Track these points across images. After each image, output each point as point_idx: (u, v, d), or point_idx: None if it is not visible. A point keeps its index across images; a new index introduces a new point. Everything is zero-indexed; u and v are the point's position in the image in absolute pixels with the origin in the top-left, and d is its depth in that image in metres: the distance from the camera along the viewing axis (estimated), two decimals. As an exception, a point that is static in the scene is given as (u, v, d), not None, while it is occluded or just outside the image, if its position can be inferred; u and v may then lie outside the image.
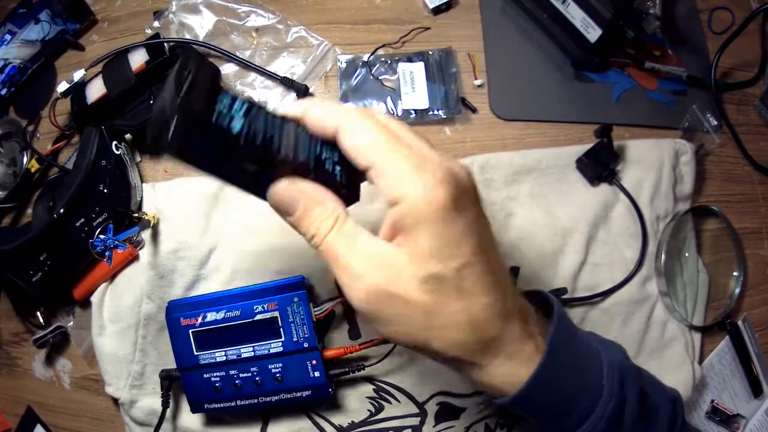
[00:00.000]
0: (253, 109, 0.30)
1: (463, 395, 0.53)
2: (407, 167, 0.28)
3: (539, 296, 0.37)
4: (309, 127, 0.32)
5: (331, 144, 0.32)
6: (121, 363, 0.53)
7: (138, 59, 0.58)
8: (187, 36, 0.62)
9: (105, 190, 0.52)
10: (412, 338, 0.30)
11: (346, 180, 0.32)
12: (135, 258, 0.53)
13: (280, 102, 0.61)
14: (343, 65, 0.62)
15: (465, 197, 0.29)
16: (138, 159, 0.59)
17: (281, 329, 0.47)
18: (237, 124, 0.29)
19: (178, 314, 0.49)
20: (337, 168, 0.32)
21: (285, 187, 0.31)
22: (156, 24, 0.63)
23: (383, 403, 0.53)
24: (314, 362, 0.47)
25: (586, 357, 0.35)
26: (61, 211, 0.48)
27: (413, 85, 0.60)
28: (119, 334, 0.53)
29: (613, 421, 0.33)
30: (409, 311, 0.29)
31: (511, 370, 0.32)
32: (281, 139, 0.30)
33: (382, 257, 0.29)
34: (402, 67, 0.61)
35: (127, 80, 0.57)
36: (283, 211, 0.31)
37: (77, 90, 0.57)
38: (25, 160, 0.59)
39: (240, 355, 0.48)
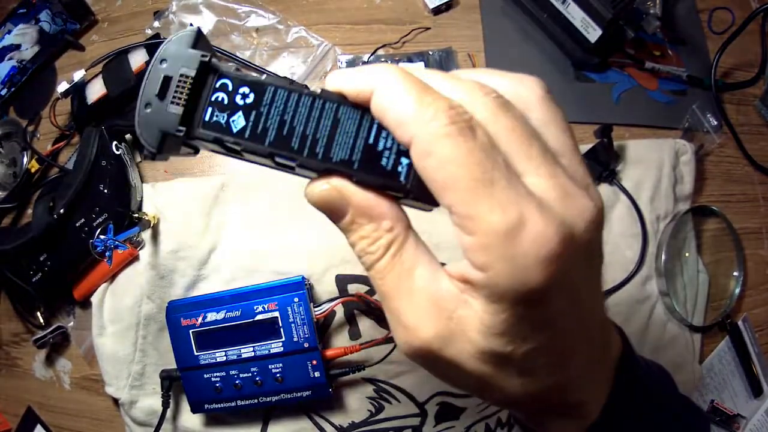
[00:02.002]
0: (265, 90, 0.22)
1: (464, 395, 0.53)
2: (491, 220, 0.19)
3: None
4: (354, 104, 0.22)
5: None
6: (121, 363, 0.53)
7: (138, 59, 0.58)
8: (187, 36, 0.62)
9: (105, 191, 0.52)
10: (462, 389, 0.26)
11: (415, 180, 0.21)
12: (135, 258, 0.53)
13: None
14: (344, 65, 0.62)
15: (573, 269, 0.20)
16: (138, 159, 0.59)
17: (281, 329, 0.47)
18: (238, 120, 0.22)
19: (178, 314, 0.49)
20: (403, 162, 0.22)
21: (322, 193, 0.22)
22: (156, 24, 0.63)
23: (383, 403, 0.53)
24: (314, 362, 0.47)
25: (640, 393, 0.30)
26: (62, 211, 0.48)
27: (413, 85, 0.60)
28: (119, 334, 0.53)
29: None
30: (460, 374, 0.23)
31: (569, 424, 0.27)
32: (305, 131, 0.22)
33: (443, 310, 0.22)
34: (402, 67, 0.61)
35: (127, 80, 0.57)
36: (327, 215, 0.23)
37: (77, 90, 0.57)
38: (25, 160, 0.59)
39: (240, 356, 0.48)
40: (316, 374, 0.47)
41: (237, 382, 0.48)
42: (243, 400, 0.49)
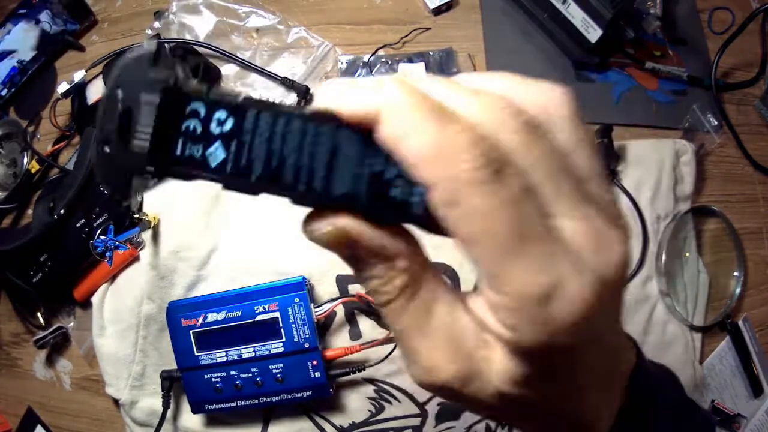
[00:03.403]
0: (246, 114, 0.18)
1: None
2: (521, 280, 0.16)
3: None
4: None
5: None
6: (121, 363, 0.53)
7: (138, 60, 0.58)
8: (188, 36, 0.62)
9: (105, 191, 0.52)
10: (480, 415, 0.25)
11: (431, 214, 0.17)
12: (135, 259, 0.53)
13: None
14: (344, 66, 0.62)
15: (600, 319, 0.18)
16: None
17: (282, 330, 0.47)
18: (217, 152, 0.18)
19: (178, 315, 0.49)
20: (415, 192, 0.17)
21: (328, 233, 0.19)
22: (156, 24, 0.63)
23: (384, 403, 0.53)
24: (315, 363, 0.47)
25: (648, 404, 0.29)
26: (62, 211, 0.48)
27: (413, 86, 0.60)
28: (120, 334, 0.53)
29: None
30: (477, 407, 0.22)
31: None
32: (299, 161, 0.18)
33: (463, 348, 0.20)
34: (402, 67, 0.61)
35: (128, 81, 0.57)
36: (333, 251, 0.20)
37: (78, 91, 0.57)
38: (25, 160, 0.59)
39: (241, 356, 0.48)
40: (317, 374, 0.47)
41: (237, 382, 0.48)
42: (243, 401, 0.49)
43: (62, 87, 0.56)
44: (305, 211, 0.19)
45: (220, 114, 0.18)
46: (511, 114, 0.17)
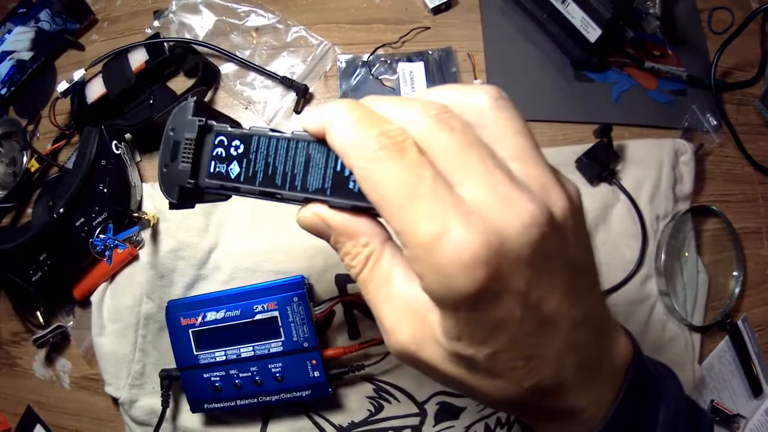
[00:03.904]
0: (251, 140, 0.26)
1: (463, 395, 0.53)
2: (420, 231, 0.20)
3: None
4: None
5: None
6: (120, 362, 0.53)
7: (138, 59, 0.58)
8: (187, 36, 0.62)
9: (105, 190, 0.52)
10: (452, 390, 0.27)
11: None
12: (135, 258, 0.53)
13: (279, 101, 0.60)
14: (343, 65, 0.62)
15: (508, 275, 0.20)
16: (138, 159, 0.59)
17: (281, 329, 0.47)
18: (234, 168, 0.27)
19: (178, 314, 0.49)
20: None
21: (306, 218, 0.25)
22: (156, 24, 0.63)
23: (383, 402, 0.53)
24: (314, 362, 0.47)
25: (648, 402, 0.30)
26: (61, 210, 0.48)
27: (413, 85, 0.60)
28: (119, 333, 0.53)
29: None
30: (440, 377, 0.25)
31: (567, 429, 0.27)
32: (285, 170, 0.26)
33: (415, 314, 0.24)
34: (402, 66, 0.61)
35: (127, 80, 0.57)
36: (318, 237, 0.26)
37: (77, 90, 0.57)
38: (25, 159, 0.59)
39: (240, 355, 0.48)
40: (316, 374, 0.47)
41: (237, 381, 0.48)
42: (242, 400, 0.49)
43: (62, 86, 0.56)
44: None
45: (236, 142, 0.27)
46: (427, 111, 0.22)
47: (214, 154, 0.28)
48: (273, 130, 0.26)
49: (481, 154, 0.21)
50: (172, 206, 0.31)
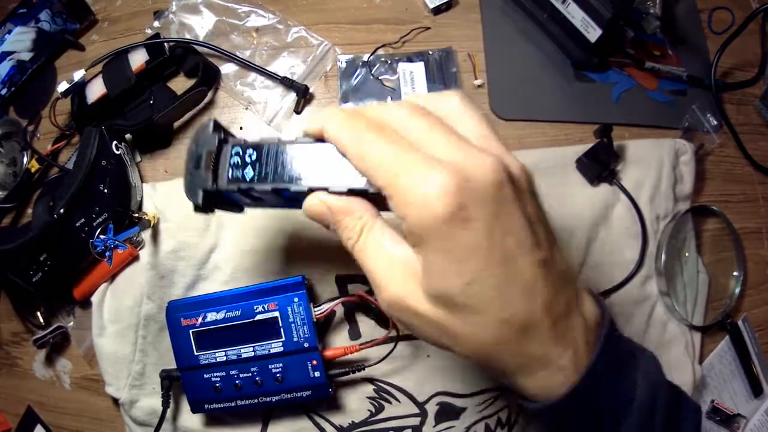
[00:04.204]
0: (263, 148, 0.32)
1: (463, 395, 0.53)
2: (400, 183, 0.26)
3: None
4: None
5: None
6: (121, 363, 0.53)
7: (138, 59, 0.58)
8: (187, 36, 0.62)
9: (105, 190, 0.52)
10: (435, 343, 0.31)
11: (369, 182, 0.30)
12: (135, 258, 0.53)
13: (280, 101, 0.60)
14: (343, 65, 0.62)
15: (470, 204, 0.26)
16: (138, 159, 0.59)
17: (281, 329, 0.47)
18: (249, 172, 0.33)
19: (178, 314, 0.49)
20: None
21: (312, 205, 0.31)
22: (156, 24, 0.63)
23: (383, 403, 0.53)
24: (314, 362, 0.47)
25: (627, 367, 0.33)
26: (62, 211, 0.48)
27: (413, 85, 0.60)
28: (119, 334, 0.53)
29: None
30: (424, 323, 0.29)
31: (545, 380, 0.30)
32: (291, 168, 0.32)
33: (403, 266, 0.29)
34: (402, 67, 0.61)
35: (127, 80, 0.57)
36: (320, 224, 0.32)
37: (77, 90, 0.57)
38: (25, 160, 0.59)
39: (240, 355, 0.48)
40: (316, 374, 0.47)
41: (237, 382, 0.48)
42: (243, 400, 0.49)
43: (62, 86, 0.56)
44: (300, 212, 0.32)
45: (250, 151, 0.33)
46: (402, 106, 0.29)
47: (232, 162, 0.33)
48: (281, 139, 0.32)
49: (447, 129, 0.28)
50: (196, 209, 0.36)
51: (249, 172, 0.33)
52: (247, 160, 0.33)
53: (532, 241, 0.28)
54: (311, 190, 0.31)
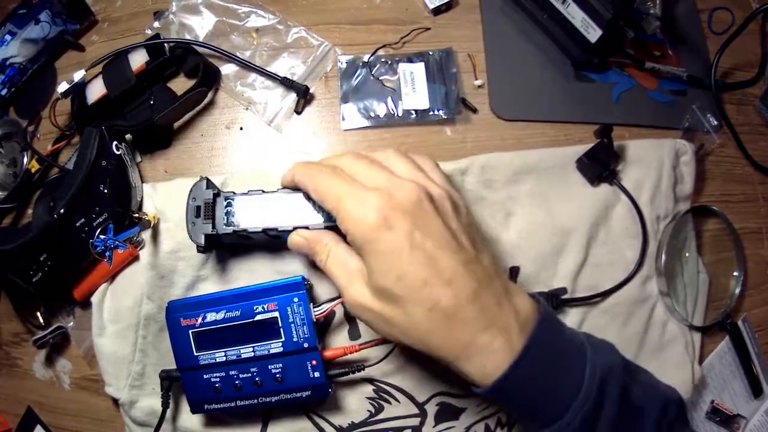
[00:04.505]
0: (251, 199, 0.45)
1: (463, 395, 0.53)
2: (342, 205, 0.37)
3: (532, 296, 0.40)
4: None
5: None
6: (121, 363, 0.53)
7: (138, 59, 0.58)
8: (187, 36, 0.62)
9: (105, 191, 0.52)
10: (387, 335, 0.38)
11: (333, 219, 0.41)
12: (135, 258, 0.53)
13: (280, 102, 0.61)
14: (344, 66, 0.62)
15: (393, 215, 0.35)
16: (138, 159, 0.59)
17: (281, 329, 0.47)
18: (240, 217, 0.45)
19: (178, 314, 0.49)
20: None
21: (294, 239, 0.44)
22: (156, 24, 0.63)
23: (383, 403, 0.53)
24: (314, 362, 0.47)
25: (569, 356, 0.36)
26: (62, 211, 0.48)
27: (414, 86, 0.60)
28: (119, 334, 0.53)
29: (588, 422, 0.34)
30: (374, 318, 0.38)
31: (481, 364, 0.35)
32: (277, 214, 0.44)
33: (357, 273, 0.39)
34: (402, 67, 0.61)
35: (128, 80, 0.57)
36: (300, 254, 0.48)
37: (77, 90, 0.57)
38: (25, 160, 0.59)
39: (240, 356, 0.48)
40: (316, 374, 0.47)
41: (237, 382, 0.48)
42: (243, 401, 0.49)
43: (62, 87, 0.56)
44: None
45: (238, 200, 0.45)
46: (349, 155, 0.41)
47: (226, 212, 0.45)
48: (264, 190, 0.45)
49: (381, 167, 0.39)
50: (199, 250, 0.45)
51: (240, 218, 0.44)
52: (237, 208, 0.44)
53: (454, 245, 0.36)
54: (295, 229, 0.43)
